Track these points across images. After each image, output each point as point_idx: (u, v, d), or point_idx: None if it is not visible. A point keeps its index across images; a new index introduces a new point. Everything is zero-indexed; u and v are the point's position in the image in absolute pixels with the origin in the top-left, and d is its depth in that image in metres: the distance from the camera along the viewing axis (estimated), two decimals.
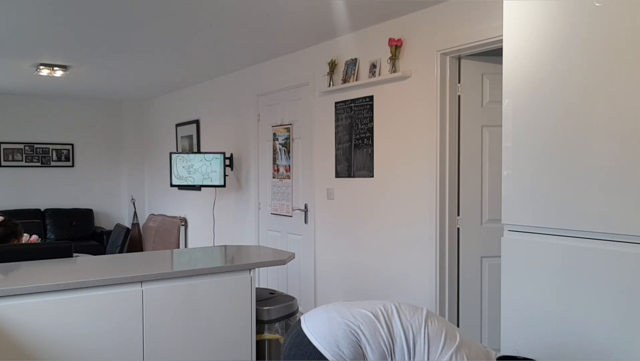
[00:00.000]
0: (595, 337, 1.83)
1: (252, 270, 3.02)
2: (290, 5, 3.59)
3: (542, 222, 1.97)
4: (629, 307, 1.75)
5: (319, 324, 1.76)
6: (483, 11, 3.27)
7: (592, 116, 1.82)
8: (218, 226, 6.29)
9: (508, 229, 2.11)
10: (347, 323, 1.74)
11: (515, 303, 2.07)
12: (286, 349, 1.79)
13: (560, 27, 1.91)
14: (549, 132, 1.95)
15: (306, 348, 1.72)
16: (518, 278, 2.06)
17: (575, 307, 1.89)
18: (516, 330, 2.07)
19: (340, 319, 1.76)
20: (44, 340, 2.43)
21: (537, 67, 1.98)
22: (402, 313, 1.80)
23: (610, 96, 1.78)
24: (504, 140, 2.10)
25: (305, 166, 4.85)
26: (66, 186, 7.95)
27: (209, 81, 6.45)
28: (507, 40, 2.08)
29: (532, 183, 2.00)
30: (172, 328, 2.77)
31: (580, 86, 1.86)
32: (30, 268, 2.80)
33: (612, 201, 1.77)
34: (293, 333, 1.79)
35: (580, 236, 1.88)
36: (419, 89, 3.71)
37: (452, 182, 3.62)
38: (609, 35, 1.77)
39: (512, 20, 2.07)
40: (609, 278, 1.79)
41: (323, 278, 4.65)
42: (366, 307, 1.82)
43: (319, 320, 1.78)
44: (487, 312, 3.66)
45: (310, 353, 1.70)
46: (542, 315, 1.98)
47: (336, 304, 1.89)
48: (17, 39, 4.40)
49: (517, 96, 2.05)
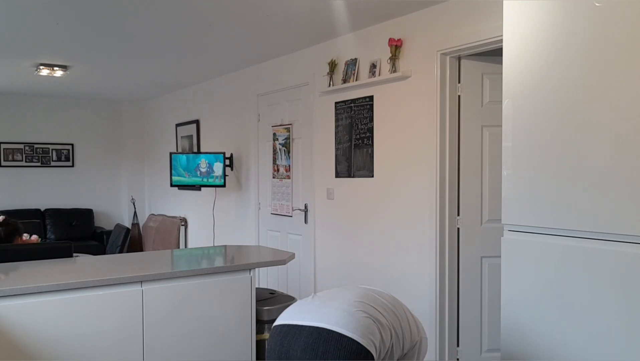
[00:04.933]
0: (595, 337, 1.84)
1: (252, 270, 3.02)
2: (290, 6, 3.59)
3: (542, 222, 1.97)
4: (628, 307, 1.75)
5: (335, 315, 1.70)
6: (483, 11, 3.27)
7: (591, 116, 1.82)
8: (218, 226, 6.29)
9: (508, 229, 2.11)
10: (364, 310, 1.73)
11: (515, 303, 2.07)
12: (301, 351, 1.68)
13: (560, 27, 1.91)
14: (549, 132, 1.95)
15: (338, 343, 1.63)
16: (518, 278, 2.06)
17: (575, 307, 1.89)
18: (516, 330, 2.07)
19: (354, 309, 1.73)
20: (44, 340, 2.43)
21: (537, 67, 1.99)
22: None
23: (610, 96, 1.78)
24: (504, 140, 2.10)
25: (305, 166, 4.85)
26: (66, 186, 7.95)
27: (209, 81, 6.45)
28: (507, 40, 2.09)
29: (532, 183, 2.00)
30: (172, 328, 2.77)
31: (580, 86, 1.86)
32: (30, 268, 2.80)
33: (612, 201, 1.77)
34: (305, 332, 1.69)
35: (580, 236, 1.88)
36: (419, 89, 3.71)
37: (452, 182, 3.62)
38: (609, 35, 1.77)
39: (512, 20, 2.07)
40: (609, 278, 1.79)
41: (323, 278, 4.65)
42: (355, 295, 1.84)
43: (330, 312, 1.72)
44: (487, 312, 3.66)
45: (346, 346, 1.63)
46: (542, 314, 1.98)
47: (316, 297, 1.86)
48: (17, 39, 4.40)
49: (517, 96, 2.05)
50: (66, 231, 7.57)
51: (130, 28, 4.13)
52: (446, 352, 3.63)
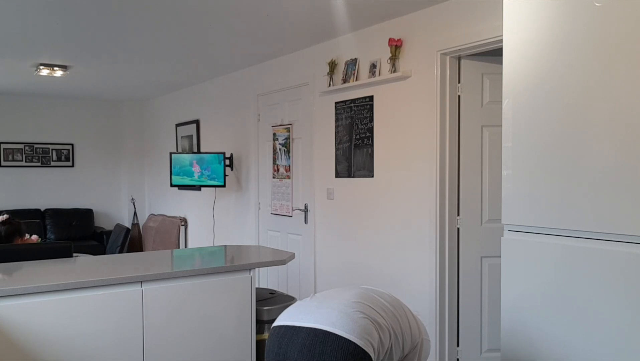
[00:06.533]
0: (595, 336, 1.83)
1: (252, 270, 3.02)
2: (290, 6, 3.59)
3: (542, 222, 1.97)
4: (628, 307, 1.75)
5: (333, 316, 1.69)
6: (483, 11, 3.27)
7: (591, 116, 1.82)
8: (218, 226, 6.29)
9: (508, 229, 2.11)
10: (361, 311, 1.72)
11: (516, 303, 2.07)
12: (299, 352, 1.67)
13: (560, 27, 1.91)
14: (548, 132, 1.95)
15: (334, 344, 1.63)
16: (518, 278, 2.06)
17: (575, 307, 1.89)
18: (516, 330, 2.07)
19: (351, 310, 1.73)
20: (44, 340, 2.43)
21: (537, 67, 1.99)
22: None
23: (610, 96, 1.78)
24: (504, 140, 2.10)
25: (305, 166, 4.85)
26: (66, 186, 7.95)
27: (209, 81, 6.45)
28: (507, 41, 2.09)
29: (532, 183, 2.00)
30: (172, 328, 2.77)
31: (580, 86, 1.86)
32: (30, 268, 2.80)
33: (612, 201, 1.77)
34: (302, 334, 1.69)
35: (580, 236, 1.88)
36: (419, 89, 3.71)
37: (452, 182, 3.62)
38: (609, 35, 1.77)
39: (512, 20, 2.07)
40: (609, 278, 1.79)
41: (323, 278, 4.65)
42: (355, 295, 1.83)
43: (328, 313, 1.71)
44: (487, 312, 3.66)
45: (343, 347, 1.62)
46: (542, 314, 1.98)
47: (313, 298, 1.86)
48: (17, 39, 4.40)
49: (517, 96, 2.05)
50: (66, 231, 7.57)
51: (130, 28, 4.13)
52: (446, 352, 3.64)
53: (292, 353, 1.68)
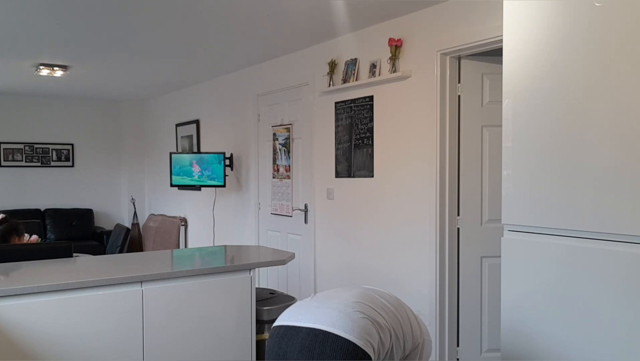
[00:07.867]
0: (595, 336, 1.83)
1: (252, 270, 3.02)
2: (290, 6, 3.59)
3: (542, 222, 1.97)
4: (628, 307, 1.75)
5: (332, 316, 1.69)
6: (483, 11, 3.27)
7: (591, 116, 1.82)
8: (218, 226, 6.29)
9: (508, 229, 2.11)
10: (361, 311, 1.72)
11: (516, 303, 2.07)
12: (298, 352, 1.67)
13: (560, 27, 1.91)
14: (548, 132, 1.95)
15: (334, 344, 1.63)
16: (518, 278, 2.06)
17: (576, 307, 1.89)
18: (516, 330, 2.07)
19: (351, 310, 1.73)
20: (44, 340, 2.43)
21: (537, 67, 1.98)
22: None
23: (610, 96, 1.78)
24: (504, 140, 2.10)
25: (305, 166, 4.85)
26: (66, 186, 7.95)
27: (209, 81, 6.45)
28: (507, 41, 2.09)
29: (532, 183, 2.00)
30: (172, 328, 2.77)
31: (580, 86, 1.86)
32: (30, 268, 2.80)
33: (612, 201, 1.77)
34: (302, 334, 1.69)
35: (580, 236, 1.88)
36: (419, 89, 3.71)
37: (452, 182, 3.62)
38: (609, 35, 1.77)
39: (512, 20, 2.07)
40: (609, 278, 1.79)
41: (323, 278, 4.65)
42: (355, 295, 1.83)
43: (328, 313, 1.71)
44: (487, 312, 3.66)
45: (342, 347, 1.63)
46: (542, 314, 1.98)
47: (313, 298, 1.86)
48: (17, 39, 4.40)
49: (517, 96, 2.05)
50: (66, 231, 7.57)
51: (130, 28, 4.13)
52: (446, 352, 3.63)
53: (292, 353, 1.68)
